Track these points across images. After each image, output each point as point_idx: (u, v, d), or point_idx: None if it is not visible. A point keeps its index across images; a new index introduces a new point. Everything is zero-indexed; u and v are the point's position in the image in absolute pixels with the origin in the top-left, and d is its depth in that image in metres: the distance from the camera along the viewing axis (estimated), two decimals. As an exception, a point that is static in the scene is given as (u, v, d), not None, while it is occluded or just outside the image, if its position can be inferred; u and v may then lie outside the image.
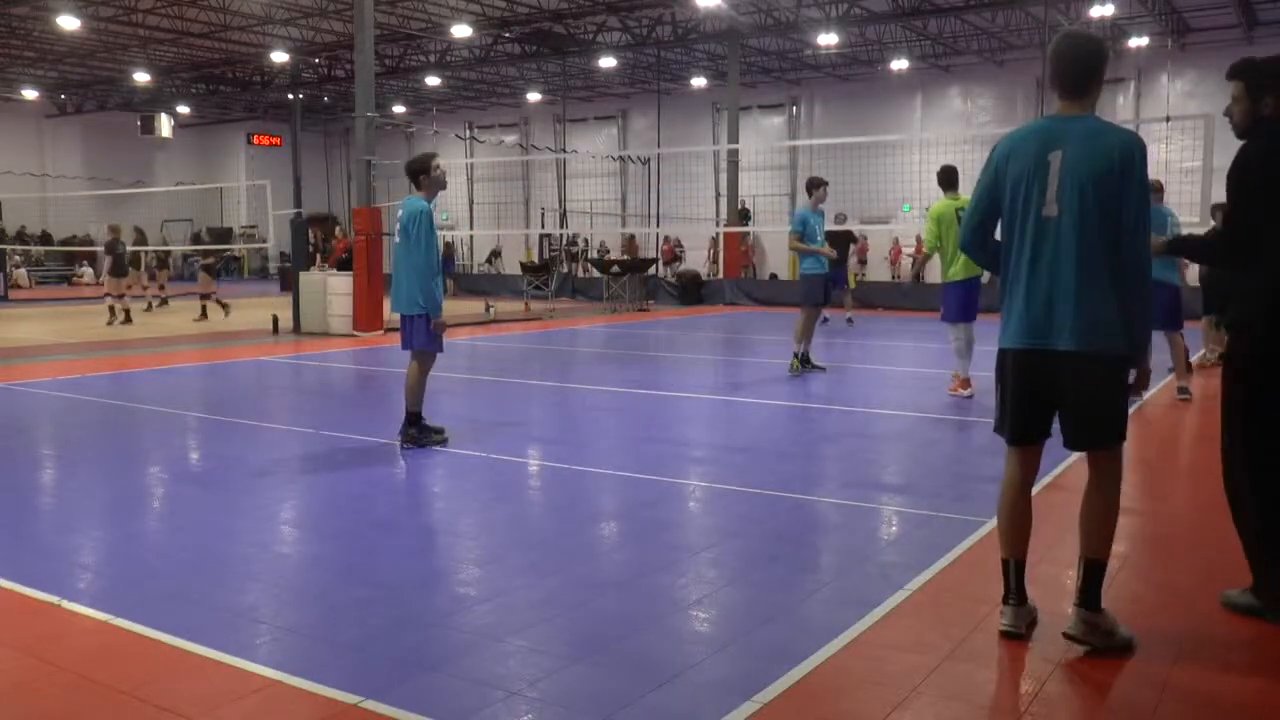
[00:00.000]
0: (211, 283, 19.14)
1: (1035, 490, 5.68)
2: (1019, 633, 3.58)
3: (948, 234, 9.05)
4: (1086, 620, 3.46)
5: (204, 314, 18.22)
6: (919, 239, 21.20)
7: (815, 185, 11.00)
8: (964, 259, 9.36)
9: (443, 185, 7.24)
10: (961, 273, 9.10)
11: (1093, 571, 3.49)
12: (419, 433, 7.13)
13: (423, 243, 6.98)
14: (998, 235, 3.68)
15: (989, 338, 9.94)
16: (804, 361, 10.90)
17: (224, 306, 18.57)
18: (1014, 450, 3.68)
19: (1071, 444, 3.57)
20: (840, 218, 17.93)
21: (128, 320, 17.34)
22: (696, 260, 30.04)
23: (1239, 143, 3.87)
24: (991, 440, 7.63)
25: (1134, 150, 3.40)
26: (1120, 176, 3.37)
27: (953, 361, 9.38)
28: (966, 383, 9.27)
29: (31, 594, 4.06)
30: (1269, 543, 3.76)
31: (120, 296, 17.64)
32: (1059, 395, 3.49)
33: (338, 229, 20.92)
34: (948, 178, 9.43)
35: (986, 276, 8.69)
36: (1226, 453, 3.89)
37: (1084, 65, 3.51)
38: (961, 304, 9.16)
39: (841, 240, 16.98)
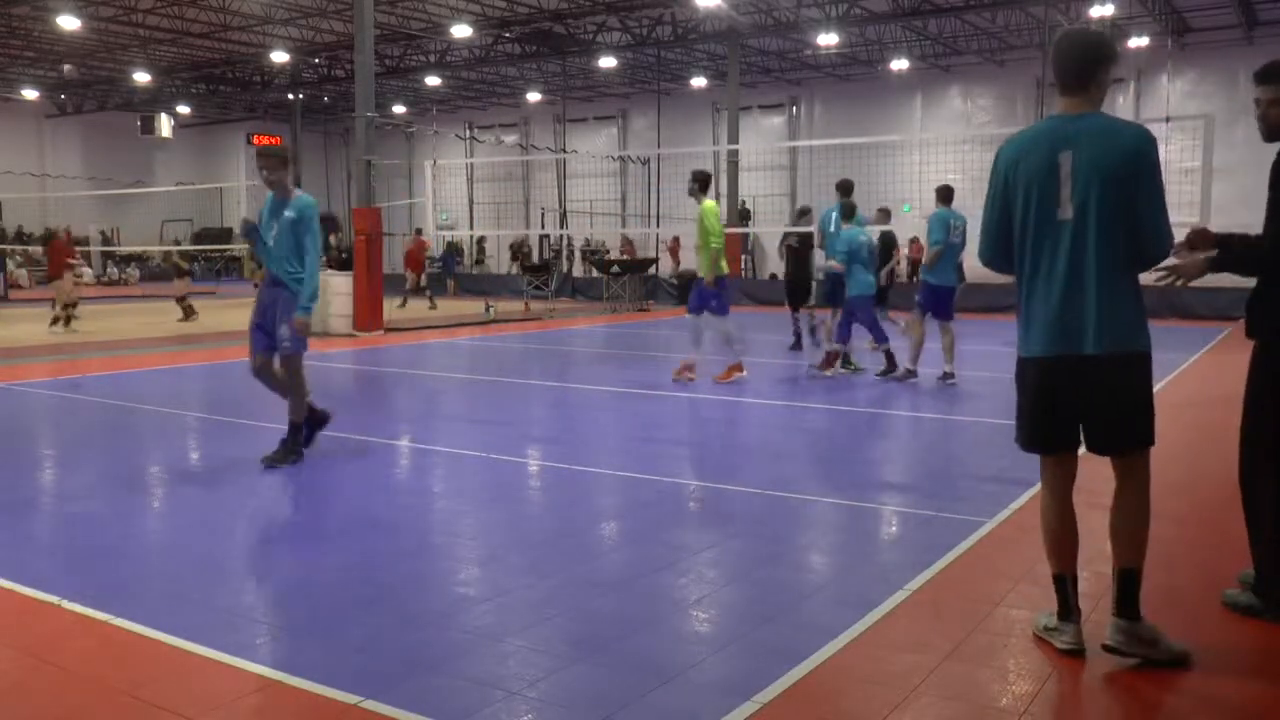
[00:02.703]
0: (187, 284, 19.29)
1: (1035, 490, 5.73)
2: (1083, 650, 3.47)
3: (706, 232, 9.92)
4: (1125, 630, 3.38)
5: (189, 314, 18.31)
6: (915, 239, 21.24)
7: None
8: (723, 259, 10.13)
9: (267, 185, 6.56)
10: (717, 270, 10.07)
11: (1128, 579, 3.41)
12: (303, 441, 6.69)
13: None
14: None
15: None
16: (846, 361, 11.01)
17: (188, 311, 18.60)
18: (1046, 461, 3.57)
19: (1102, 449, 3.46)
20: None
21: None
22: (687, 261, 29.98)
23: (1239, 143, 3.81)
24: (991, 441, 7.67)
25: (1146, 145, 3.34)
26: (1136, 173, 3.30)
27: (690, 350, 10.34)
28: (693, 368, 10.20)
29: (31, 594, 4.06)
30: None
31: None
32: (1086, 401, 3.41)
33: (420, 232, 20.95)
34: (703, 183, 10.25)
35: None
36: (1245, 457, 3.85)
37: (1083, 59, 3.43)
38: (711, 298, 10.17)
39: None
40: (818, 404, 9.29)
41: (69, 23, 22.96)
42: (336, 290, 16.02)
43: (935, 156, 25.29)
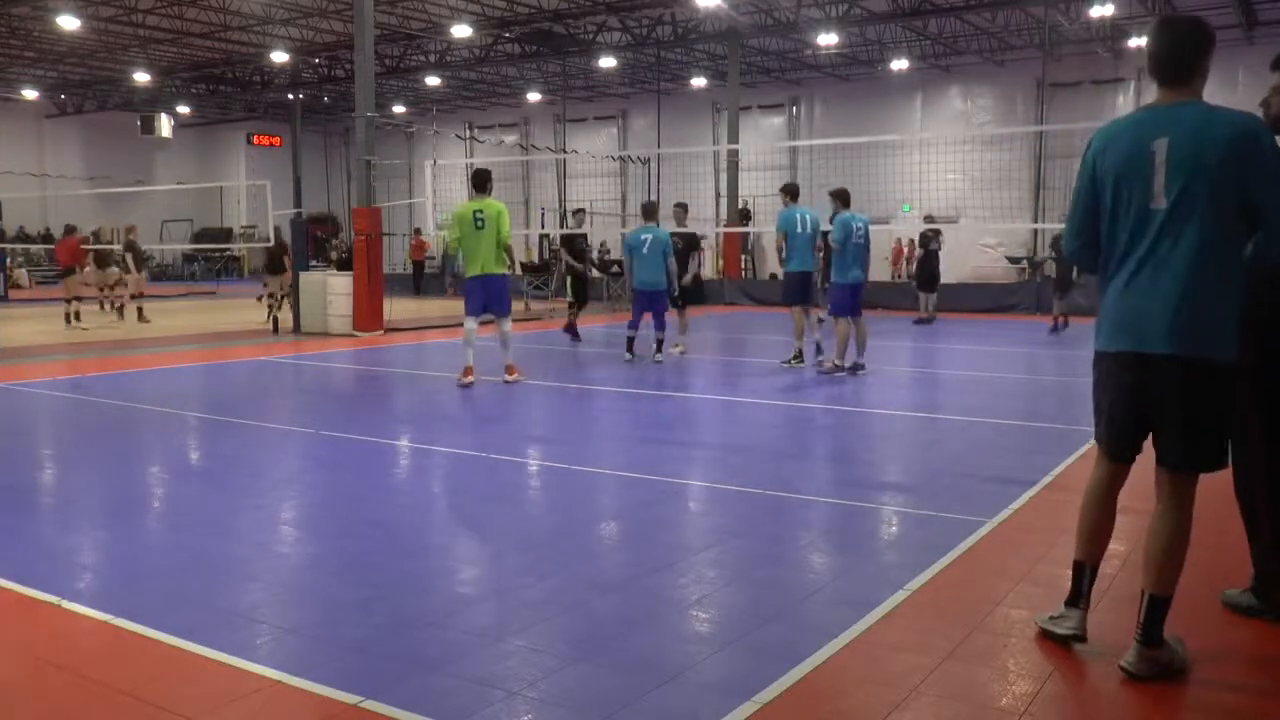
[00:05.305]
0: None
1: (1035, 490, 5.74)
2: (1083, 638, 3.46)
3: (464, 234, 9.90)
4: (1148, 657, 3.26)
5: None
6: (911, 242, 21.29)
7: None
8: (482, 259, 9.98)
9: None
10: (478, 270, 9.98)
11: (1157, 607, 3.26)
12: None
13: None
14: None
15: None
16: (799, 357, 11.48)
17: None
18: (1103, 459, 3.46)
19: (1164, 459, 3.26)
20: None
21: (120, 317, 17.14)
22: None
23: None
24: (991, 440, 7.66)
25: (1252, 129, 3.11)
26: (1239, 162, 3.07)
27: (465, 354, 10.21)
28: (469, 371, 10.07)
29: (31, 594, 4.06)
30: None
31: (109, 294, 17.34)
32: (1155, 405, 3.22)
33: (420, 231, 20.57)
34: (480, 180, 10.17)
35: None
36: (1237, 455, 3.84)
37: (1188, 48, 3.24)
38: (471, 296, 10.12)
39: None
40: (818, 404, 9.28)
41: (69, 23, 22.96)
42: (336, 290, 16.02)
43: (935, 156, 25.33)
